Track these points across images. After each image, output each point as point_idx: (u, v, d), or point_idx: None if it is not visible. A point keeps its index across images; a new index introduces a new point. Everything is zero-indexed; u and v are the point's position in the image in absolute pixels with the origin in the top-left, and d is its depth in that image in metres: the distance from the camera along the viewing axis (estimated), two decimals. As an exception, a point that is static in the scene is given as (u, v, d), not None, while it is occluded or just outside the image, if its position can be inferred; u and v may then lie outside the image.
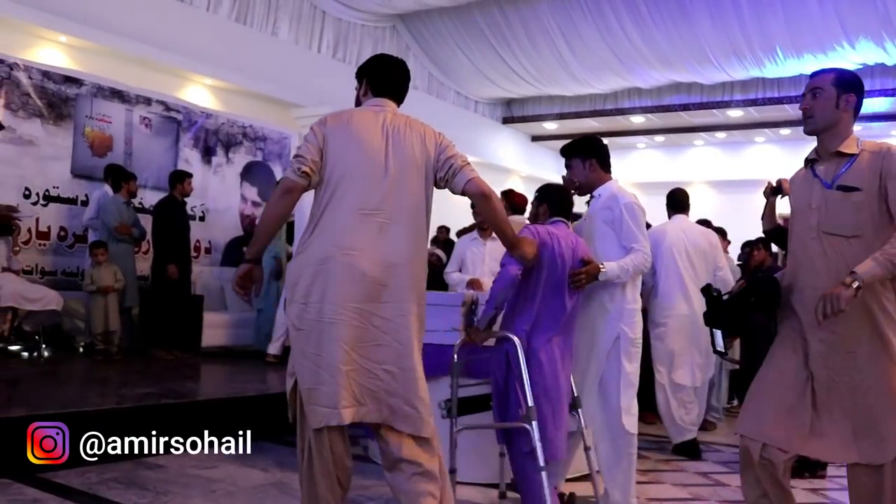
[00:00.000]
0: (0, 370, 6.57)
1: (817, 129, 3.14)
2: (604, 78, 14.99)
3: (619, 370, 4.01)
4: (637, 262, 3.93)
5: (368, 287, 3.02)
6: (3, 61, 7.85)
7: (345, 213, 3.06)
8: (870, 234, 2.97)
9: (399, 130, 3.20)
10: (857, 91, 3.13)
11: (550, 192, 4.09)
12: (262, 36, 12.00)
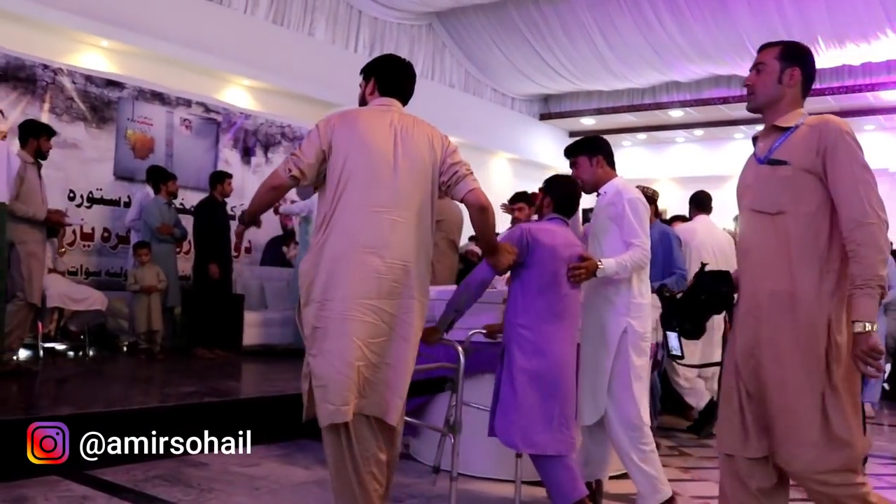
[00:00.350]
0: (47, 369, 6.69)
1: (758, 105, 2.97)
2: (641, 72, 14.86)
3: (627, 364, 3.98)
4: (636, 258, 3.93)
5: (383, 284, 3.08)
6: (47, 66, 7.98)
7: (357, 211, 3.10)
8: (798, 212, 2.74)
9: (407, 130, 3.23)
10: (803, 64, 2.93)
11: (558, 185, 4.07)
12: (298, 36, 12.08)
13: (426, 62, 14.63)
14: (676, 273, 6.00)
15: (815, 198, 2.74)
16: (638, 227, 3.98)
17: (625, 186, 4.14)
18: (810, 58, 2.97)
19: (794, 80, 2.91)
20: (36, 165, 6.37)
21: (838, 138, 2.74)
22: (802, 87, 2.95)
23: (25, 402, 4.95)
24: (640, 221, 4.00)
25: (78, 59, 9.07)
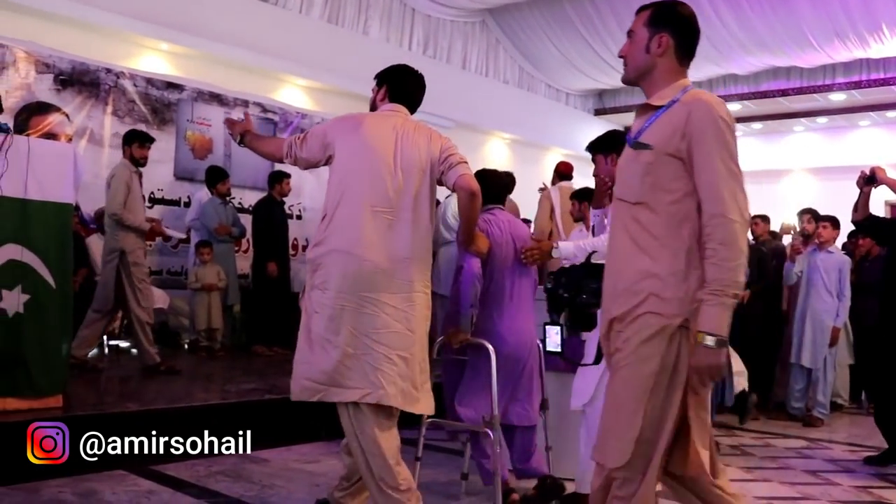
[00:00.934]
0: (111, 367, 6.85)
1: (629, 78, 2.68)
2: (697, 65, 14.43)
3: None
4: (599, 244, 3.81)
5: (379, 278, 3.23)
6: (110, 70, 8.15)
7: (357, 209, 3.28)
8: (659, 202, 2.44)
9: (407, 133, 3.40)
10: (675, 28, 2.58)
11: (483, 179, 3.98)
12: (353, 35, 12.16)
13: (480, 59, 14.61)
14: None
15: (679, 186, 2.44)
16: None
17: None
18: (685, 20, 2.63)
19: (662, 47, 2.58)
20: (137, 174, 6.49)
21: (708, 122, 2.41)
22: (678, 55, 2.60)
23: (94, 399, 5.07)
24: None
25: (139, 63, 9.26)
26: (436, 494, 4.32)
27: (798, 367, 7.18)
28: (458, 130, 13.17)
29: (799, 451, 5.93)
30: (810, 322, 7.15)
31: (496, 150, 14.92)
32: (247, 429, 4.71)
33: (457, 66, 14.13)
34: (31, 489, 4.02)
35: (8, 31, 7.56)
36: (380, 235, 3.25)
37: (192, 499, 4.04)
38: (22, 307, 4.38)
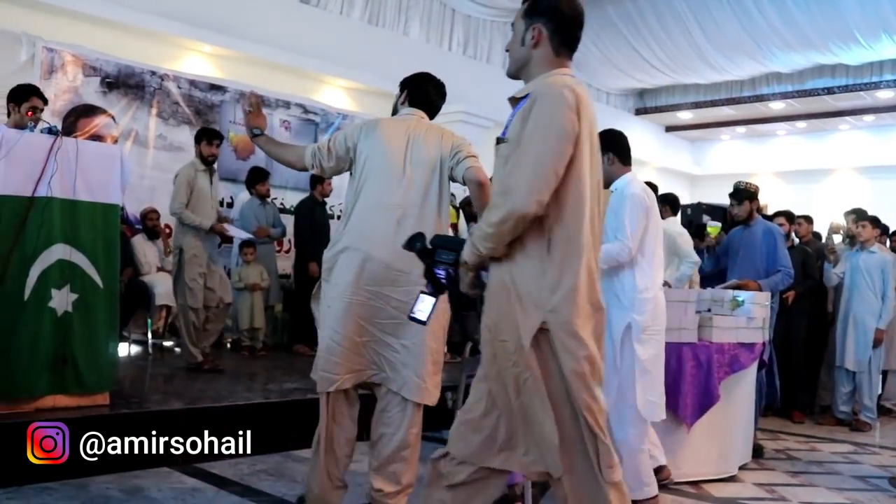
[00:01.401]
0: (156, 365, 6.93)
1: (510, 72, 2.63)
2: (741, 64, 14.47)
3: (632, 358, 4.08)
4: (613, 251, 4.01)
5: (385, 273, 3.42)
6: (154, 73, 8.26)
7: (369, 208, 3.49)
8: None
9: (420, 135, 3.57)
10: (549, 18, 2.50)
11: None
12: (393, 36, 12.19)
13: (520, 59, 14.58)
14: (781, 270, 5.82)
15: None
16: (627, 223, 4.06)
17: (632, 182, 4.23)
18: (559, 9, 2.53)
19: (535, 38, 2.51)
20: (207, 172, 6.57)
21: (539, 96, 2.37)
22: (554, 46, 2.53)
23: (139, 397, 5.13)
24: (632, 219, 4.07)
25: (182, 65, 9.37)
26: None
27: (843, 370, 7.06)
28: (498, 131, 13.10)
29: (846, 455, 5.83)
30: (853, 324, 7.04)
31: (536, 150, 14.86)
32: (289, 428, 4.76)
33: (497, 65, 14.09)
34: (80, 485, 4.08)
35: (57, 35, 7.69)
36: (388, 231, 3.42)
37: (237, 497, 4.07)
38: (71, 306, 4.44)
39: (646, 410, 4.11)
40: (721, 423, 4.83)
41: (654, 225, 4.18)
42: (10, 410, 4.24)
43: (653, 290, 4.14)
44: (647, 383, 4.09)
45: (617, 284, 4.11)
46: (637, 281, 4.10)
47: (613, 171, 4.25)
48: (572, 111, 2.36)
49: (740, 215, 6.09)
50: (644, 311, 4.09)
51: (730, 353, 4.80)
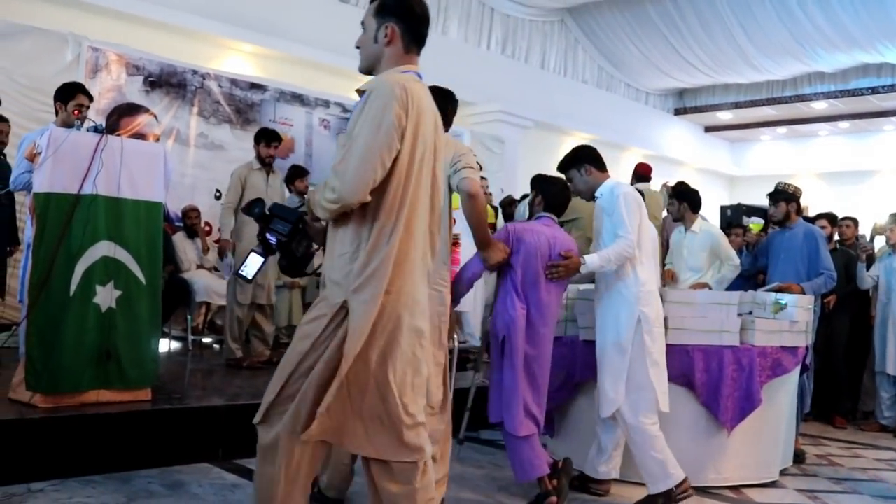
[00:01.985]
0: (196, 361, 7.00)
1: (362, 68, 2.78)
2: (782, 63, 14.31)
3: (643, 350, 4.13)
4: (618, 249, 4.07)
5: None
6: (196, 72, 8.35)
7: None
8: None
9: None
10: (401, 16, 2.67)
11: (548, 184, 4.29)
12: (432, 35, 11.94)
13: (558, 58, 14.53)
14: (824, 273, 5.74)
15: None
16: (626, 219, 4.12)
17: (618, 183, 4.32)
18: (409, 7, 2.71)
19: (389, 36, 2.68)
20: (263, 172, 6.65)
21: (373, 91, 2.54)
22: (405, 43, 2.70)
23: (180, 393, 5.19)
24: (629, 214, 4.13)
25: (223, 64, 9.47)
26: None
27: (885, 376, 6.94)
28: (537, 130, 13.11)
29: (890, 462, 5.72)
30: (892, 328, 6.92)
31: (574, 150, 14.80)
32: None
33: (535, 65, 14.08)
34: (123, 479, 4.13)
35: (102, 35, 7.81)
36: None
37: (276, 493, 4.08)
38: (114, 302, 4.50)
39: (663, 402, 4.17)
40: (762, 427, 4.77)
41: (645, 222, 4.29)
42: (56, 404, 4.31)
43: (653, 282, 4.27)
44: (658, 376, 4.16)
45: (619, 281, 4.20)
46: (639, 275, 4.19)
47: (593, 179, 4.35)
48: (401, 107, 2.51)
49: (776, 216, 6.02)
50: (650, 303, 4.18)
51: (772, 356, 4.74)
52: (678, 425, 4.61)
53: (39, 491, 3.85)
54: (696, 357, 4.57)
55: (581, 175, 4.35)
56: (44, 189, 4.33)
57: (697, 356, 4.57)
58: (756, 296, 5.13)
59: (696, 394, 4.58)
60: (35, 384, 4.29)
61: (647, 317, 4.15)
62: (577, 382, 4.81)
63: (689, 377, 4.56)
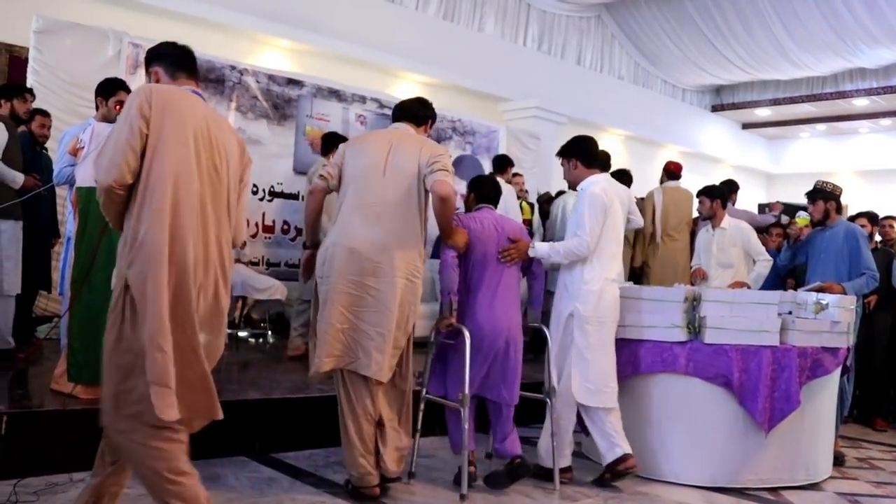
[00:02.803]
0: (232, 355, 7.04)
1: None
2: (823, 59, 14.10)
3: (571, 342, 4.45)
4: (571, 246, 4.41)
5: (364, 264, 3.87)
6: (234, 67, 8.39)
7: (351, 207, 3.97)
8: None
9: (401, 143, 4.06)
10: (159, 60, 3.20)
11: (478, 183, 4.67)
12: (468, 32, 12.20)
13: (594, 54, 14.45)
14: (866, 273, 5.65)
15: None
16: (587, 220, 4.40)
17: (592, 183, 4.54)
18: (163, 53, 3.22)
19: (155, 77, 3.19)
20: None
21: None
22: (169, 74, 3.19)
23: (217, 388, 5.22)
24: (591, 216, 4.40)
25: (261, 60, 9.53)
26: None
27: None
28: (572, 126, 13.04)
29: (932, 466, 5.63)
30: None
31: (610, 146, 14.67)
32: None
33: (571, 61, 14.01)
34: (161, 471, 4.17)
35: (142, 31, 7.88)
36: (367, 227, 3.90)
37: (311, 488, 4.11)
38: (154, 296, 4.53)
39: (580, 394, 4.43)
40: (801, 429, 4.72)
41: (611, 222, 4.49)
42: (97, 396, 4.30)
43: (598, 282, 4.45)
44: (582, 370, 4.42)
45: (567, 276, 4.53)
46: (584, 273, 4.45)
47: (578, 173, 4.64)
48: (144, 100, 2.89)
49: (814, 216, 5.93)
50: (587, 301, 4.43)
51: (812, 357, 4.68)
52: (715, 425, 4.58)
53: (80, 481, 3.89)
54: (734, 357, 4.53)
55: (568, 166, 4.68)
56: (86, 183, 4.39)
57: (736, 356, 4.53)
58: (797, 295, 5.07)
59: (733, 394, 4.54)
60: (77, 376, 4.34)
61: (579, 313, 4.42)
62: (612, 381, 4.79)
63: (727, 377, 4.52)
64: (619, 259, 4.60)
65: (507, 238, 4.39)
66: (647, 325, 4.66)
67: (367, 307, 3.86)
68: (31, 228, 5.71)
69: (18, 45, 7.90)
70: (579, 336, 4.43)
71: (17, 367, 4.97)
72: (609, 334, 4.50)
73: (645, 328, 4.67)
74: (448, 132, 10.23)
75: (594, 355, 4.44)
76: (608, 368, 4.49)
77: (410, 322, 4.01)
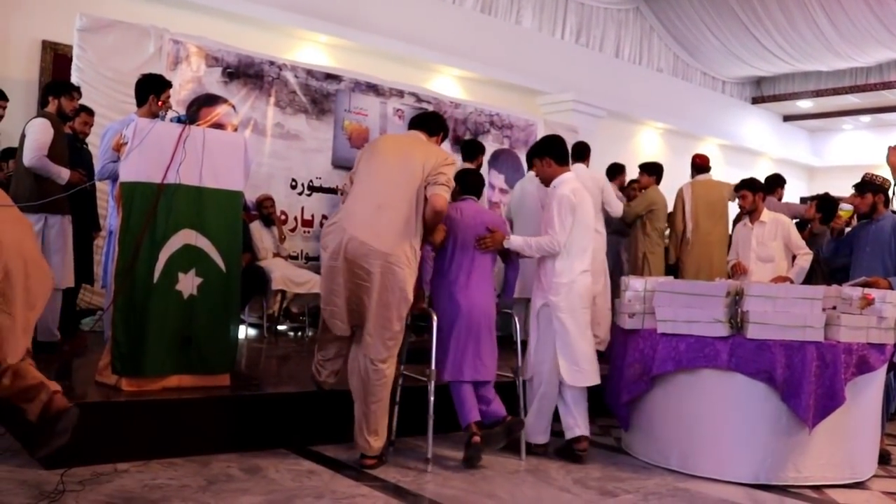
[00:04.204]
0: (271, 348, 7.11)
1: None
2: (868, 50, 13.85)
3: (550, 331, 4.78)
4: (542, 243, 4.74)
5: (360, 247, 4.24)
6: (273, 63, 8.44)
7: (356, 198, 4.42)
8: None
9: (412, 149, 4.52)
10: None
11: (461, 176, 4.94)
12: (506, 25, 12.15)
13: (633, 47, 14.32)
14: (915, 268, 5.54)
15: None
16: (556, 219, 4.72)
17: (563, 183, 4.85)
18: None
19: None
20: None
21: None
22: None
23: (258, 380, 5.27)
24: (560, 217, 4.72)
25: (299, 55, 9.58)
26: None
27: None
28: (610, 120, 12.96)
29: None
30: None
31: (648, 139, 14.60)
32: (401, 414, 4.80)
33: (610, 54, 13.90)
34: (203, 462, 4.22)
35: (182, 28, 7.95)
36: (367, 215, 4.30)
37: (351, 481, 4.13)
38: (196, 290, 4.59)
39: (569, 377, 4.76)
40: (847, 426, 4.63)
41: (580, 219, 4.79)
42: (140, 388, 4.42)
43: (569, 275, 4.77)
44: (567, 355, 4.74)
45: (541, 269, 4.87)
46: (556, 266, 4.77)
47: (551, 171, 4.94)
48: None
49: (861, 208, 5.83)
50: (559, 293, 4.75)
51: (858, 353, 4.59)
52: (758, 421, 4.53)
53: (125, 471, 3.96)
54: (777, 352, 4.46)
55: (541, 165, 4.98)
56: (130, 178, 4.44)
57: (779, 352, 4.46)
58: (842, 290, 4.98)
59: (776, 390, 4.47)
60: (120, 368, 4.41)
61: (554, 304, 4.76)
62: (653, 375, 4.76)
63: (770, 373, 4.46)
64: (589, 251, 4.93)
65: (486, 227, 4.72)
66: (689, 320, 4.62)
67: (361, 281, 4.27)
68: (74, 223, 5.79)
69: (63, 42, 8.00)
70: (559, 326, 4.75)
71: (62, 360, 5.05)
72: (584, 320, 4.85)
73: (686, 323, 4.63)
74: (486, 126, 10.20)
75: (575, 340, 4.76)
76: (588, 350, 4.84)
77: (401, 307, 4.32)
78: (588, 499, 4.12)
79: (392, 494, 3.96)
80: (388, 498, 3.90)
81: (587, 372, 4.80)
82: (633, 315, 4.97)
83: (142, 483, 3.82)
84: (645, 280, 5.10)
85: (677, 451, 4.71)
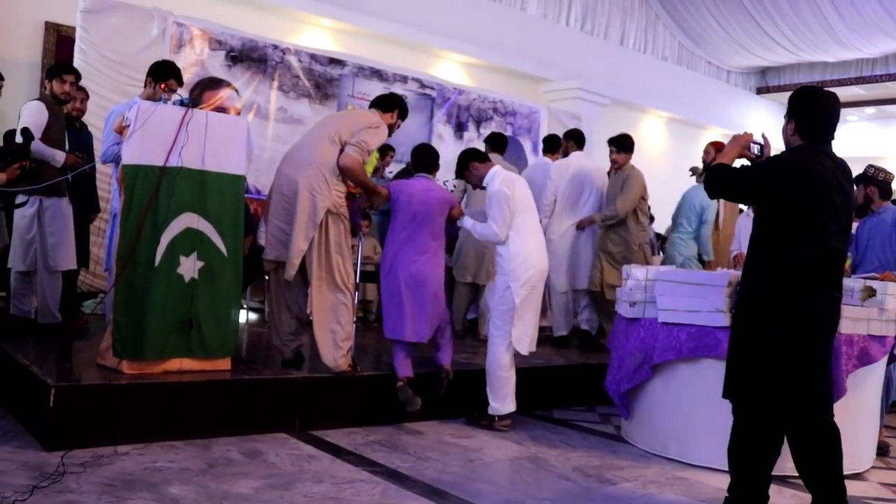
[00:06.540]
0: (272, 335, 7.09)
1: None
2: (874, 41, 13.79)
3: (511, 307, 5.13)
4: (486, 233, 5.18)
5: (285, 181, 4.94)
6: (276, 47, 8.42)
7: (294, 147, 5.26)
8: None
9: (352, 115, 5.39)
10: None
11: (414, 154, 5.51)
12: (511, 12, 12.10)
13: (638, 35, 14.27)
14: (918, 261, 5.52)
15: None
16: (497, 213, 5.11)
17: (493, 177, 5.25)
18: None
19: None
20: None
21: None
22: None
23: (258, 363, 5.29)
24: (497, 210, 5.11)
25: (303, 39, 9.56)
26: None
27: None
28: (614, 108, 12.93)
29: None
30: None
31: (652, 128, 14.57)
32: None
33: (614, 41, 13.84)
34: (203, 445, 4.24)
35: (186, 10, 7.93)
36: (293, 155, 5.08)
37: (351, 466, 4.14)
38: (197, 273, 4.58)
39: (519, 345, 5.14)
40: (846, 417, 4.61)
41: (519, 203, 5.17)
42: (141, 371, 4.43)
43: (523, 254, 5.14)
44: (520, 325, 5.13)
45: (498, 255, 5.23)
46: (511, 249, 5.14)
47: (479, 173, 5.35)
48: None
49: (856, 200, 5.79)
50: (518, 276, 5.10)
51: (859, 345, 4.59)
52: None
53: (125, 454, 3.97)
54: (778, 343, 4.45)
55: (470, 172, 5.38)
56: (132, 161, 4.43)
57: (780, 342, 4.45)
58: (844, 281, 4.96)
59: (777, 380, 4.47)
60: (122, 351, 4.41)
61: (515, 285, 5.10)
62: (654, 364, 4.76)
63: (770, 363, 4.45)
64: (537, 227, 5.38)
65: (435, 201, 5.18)
66: (690, 310, 4.61)
67: (284, 210, 4.89)
68: (72, 205, 5.78)
69: (66, 24, 7.98)
70: (518, 300, 5.10)
71: (63, 342, 5.05)
72: (539, 293, 5.30)
73: (687, 312, 4.63)
74: (489, 113, 10.18)
75: (527, 314, 5.19)
76: (534, 321, 5.28)
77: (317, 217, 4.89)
78: (587, 486, 4.13)
79: (392, 480, 3.97)
80: (387, 483, 3.91)
81: (530, 338, 5.23)
82: (635, 304, 4.97)
83: (142, 466, 3.83)
84: (646, 269, 5.09)
85: (677, 440, 4.71)
